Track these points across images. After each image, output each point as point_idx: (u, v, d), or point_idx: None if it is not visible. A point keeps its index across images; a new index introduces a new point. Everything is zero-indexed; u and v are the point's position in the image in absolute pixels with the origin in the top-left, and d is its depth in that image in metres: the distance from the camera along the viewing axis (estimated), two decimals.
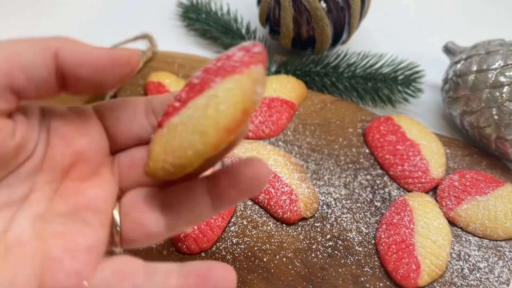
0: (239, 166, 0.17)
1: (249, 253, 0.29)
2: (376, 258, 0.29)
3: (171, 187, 0.18)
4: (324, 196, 0.32)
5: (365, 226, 0.31)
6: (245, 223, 0.30)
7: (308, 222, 0.31)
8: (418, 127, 0.35)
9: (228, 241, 0.29)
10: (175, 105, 0.17)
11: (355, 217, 0.31)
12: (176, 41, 0.46)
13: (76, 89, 0.17)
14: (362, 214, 0.31)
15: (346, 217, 0.31)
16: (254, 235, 0.30)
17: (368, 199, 0.32)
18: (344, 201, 0.32)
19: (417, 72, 0.38)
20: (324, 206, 0.31)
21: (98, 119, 0.19)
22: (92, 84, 0.16)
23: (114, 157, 0.19)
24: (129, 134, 0.19)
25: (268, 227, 0.30)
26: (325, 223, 0.31)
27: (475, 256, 0.29)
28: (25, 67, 0.15)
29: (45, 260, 0.16)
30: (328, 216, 0.31)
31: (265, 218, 0.31)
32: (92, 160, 0.18)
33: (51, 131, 0.17)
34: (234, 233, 0.30)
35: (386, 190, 0.33)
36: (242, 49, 0.16)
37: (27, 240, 0.16)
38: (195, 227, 0.29)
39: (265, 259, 0.28)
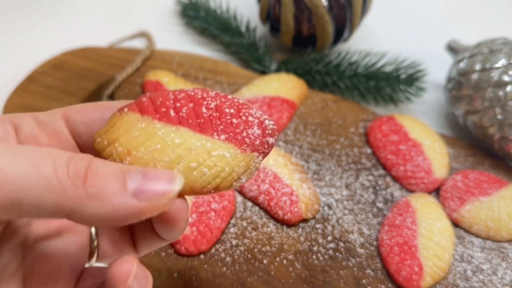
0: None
1: (249, 255, 0.28)
2: (378, 260, 0.28)
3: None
4: (325, 197, 0.32)
5: (367, 227, 0.30)
6: (244, 224, 0.30)
7: (309, 224, 0.30)
8: (421, 126, 0.35)
9: (228, 242, 0.29)
10: (170, 114, 0.16)
11: (356, 219, 0.31)
12: (175, 39, 0.46)
13: None
14: (364, 215, 0.31)
15: (347, 219, 0.30)
16: (254, 237, 0.29)
17: (370, 200, 0.32)
18: (345, 202, 0.31)
19: (419, 71, 0.38)
20: (325, 207, 0.31)
21: (72, 138, 0.17)
22: None
23: None
24: None
25: (268, 229, 0.30)
26: (326, 224, 0.30)
27: (478, 258, 0.29)
28: (28, 215, 0.13)
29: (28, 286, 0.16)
30: (329, 217, 0.30)
31: (265, 220, 0.30)
32: None
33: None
34: (233, 235, 0.29)
35: (389, 190, 0.32)
36: (261, 125, 0.15)
37: (12, 271, 0.15)
38: (194, 228, 0.28)
39: (265, 261, 0.28)
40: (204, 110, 0.15)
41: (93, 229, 0.18)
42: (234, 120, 0.15)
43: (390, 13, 0.49)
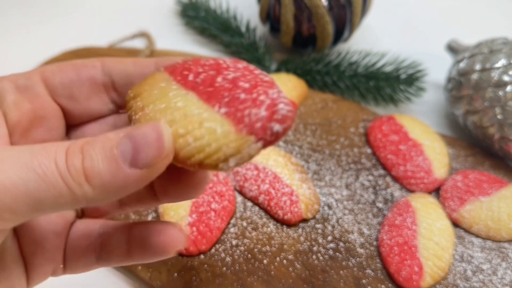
0: (151, 232, 0.17)
1: (249, 255, 0.28)
2: (378, 260, 0.28)
3: (106, 224, 0.19)
4: (325, 197, 0.32)
5: (367, 227, 0.30)
6: (244, 224, 0.30)
7: (309, 224, 0.30)
8: (421, 126, 0.35)
9: (228, 242, 0.29)
10: (188, 78, 0.15)
11: (356, 219, 0.31)
12: (175, 39, 0.46)
13: None
14: (364, 215, 0.31)
15: (347, 219, 0.30)
16: (254, 237, 0.29)
17: (370, 200, 0.32)
18: (345, 202, 0.31)
19: (419, 71, 0.38)
20: (325, 207, 0.31)
21: (53, 100, 0.17)
22: None
23: (68, 137, 0.18)
24: (87, 112, 0.18)
25: (268, 229, 0.30)
26: (326, 224, 0.30)
27: (478, 258, 0.29)
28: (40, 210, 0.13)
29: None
30: (329, 217, 0.30)
31: (265, 220, 0.30)
32: None
33: (8, 123, 0.16)
34: (233, 235, 0.29)
35: (389, 190, 0.32)
36: (271, 107, 0.13)
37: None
38: (194, 228, 0.28)
39: (265, 261, 0.28)
40: (219, 79, 0.14)
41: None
42: (243, 95, 0.14)
43: (390, 13, 0.49)
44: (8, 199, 0.12)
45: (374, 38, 0.46)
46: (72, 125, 0.18)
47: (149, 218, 0.30)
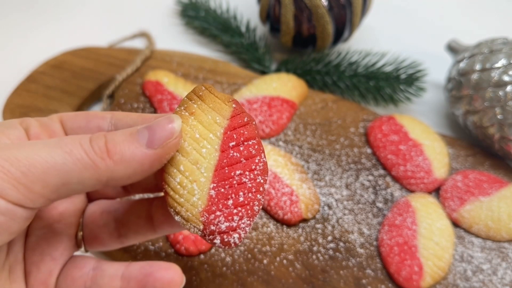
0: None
1: (249, 255, 0.28)
2: (378, 260, 0.28)
3: (125, 204, 0.20)
4: (325, 197, 0.32)
5: (367, 227, 0.30)
6: None
7: (309, 224, 0.30)
8: (421, 126, 0.34)
9: None
10: (230, 144, 0.18)
11: (356, 219, 0.31)
12: (175, 39, 0.46)
13: None
14: (364, 215, 0.31)
15: (347, 219, 0.30)
16: (254, 237, 0.29)
17: (370, 200, 0.32)
18: (345, 202, 0.31)
19: (419, 71, 0.38)
20: (325, 207, 0.31)
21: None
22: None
23: None
24: None
25: (268, 229, 0.30)
26: (326, 224, 0.30)
27: (478, 258, 0.29)
28: (71, 194, 0.16)
29: (26, 275, 0.18)
30: (329, 217, 0.30)
31: (265, 220, 0.30)
32: None
33: None
34: None
35: (389, 190, 0.32)
36: (230, 229, 0.17)
37: (19, 261, 0.18)
38: None
39: (265, 261, 0.28)
40: (237, 172, 0.17)
41: (80, 229, 0.20)
42: (230, 202, 0.17)
43: (390, 13, 0.49)
44: (39, 172, 0.14)
45: (374, 38, 0.46)
46: None
47: None
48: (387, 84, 0.38)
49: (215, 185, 0.17)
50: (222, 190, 0.17)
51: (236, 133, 0.17)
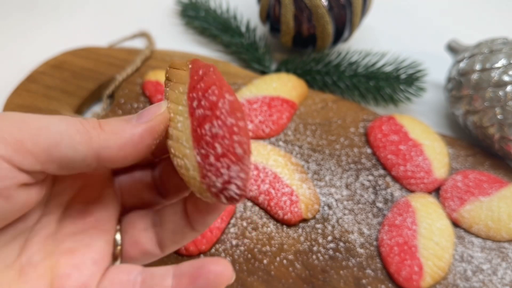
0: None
1: (249, 255, 0.28)
2: (378, 260, 0.28)
3: (160, 209, 0.20)
4: (325, 197, 0.32)
5: (367, 227, 0.30)
6: (244, 224, 0.30)
7: (309, 224, 0.30)
8: (421, 126, 0.34)
9: (228, 242, 0.29)
10: (194, 104, 0.17)
11: (356, 219, 0.31)
12: (175, 39, 0.46)
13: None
14: (364, 215, 0.31)
15: (347, 219, 0.30)
16: (254, 237, 0.29)
17: (370, 200, 0.32)
18: (345, 202, 0.31)
19: (419, 71, 0.38)
20: (325, 207, 0.31)
21: None
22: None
23: (115, 178, 0.21)
24: None
25: (268, 229, 0.30)
26: (326, 224, 0.30)
27: (478, 258, 0.29)
28: (63, 161, 0.16)
29: (54, 276, 0.17)
30: (329, 217, 0.30)
31: (265, 220, 0.30)
32: (97, 184, 0.20)
33: None
34: (233, 235, 0.29)
35: (389, 190, 0.32)
36: (225, 183, 0.16)
37: (38, 261, 0.17)
38: None
39: (265, 261, 0.28)
40: (206, 127, 0.16)
41: (118, 235, 0.20)
42: (212, 159, 0.16)
43: (390, 13, 0.49)
44: (31, 128, 0.15)
45: (374, 38, 0.46)
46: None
47: None
48: (387, 84, 0.38)
49: (197, 150, 0.16)
50: (203, 151, 0.16)
51: (195, 91, 0.17)
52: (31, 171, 0.15)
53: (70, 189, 0.19)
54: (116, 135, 0.16)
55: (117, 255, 0.19)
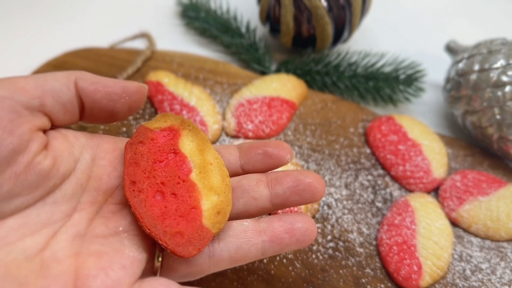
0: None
1: None
2: (377, 260, 0.29)
3: None
4: (325, 197, 0.32)
5: (366, 227, 0.30)
6: None
7: None
8: (420, 126, 0.35)
9: None
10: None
11: (356, 218, 0.31)
12: (175, 40, 0.46)
13: (92, 117, 0.20)
14: (363, 215, 0.31)
15: (347, 218, 0.31)
16: None
17: (370, 200, 0.32)
18: (345, 202, 0.31)
19: (418, 71, 0.38)
20: (325, 207, 0.31)
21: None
22: (105, 111, 0.20)
23: None
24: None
25: None
26: (325, 224, 0.30)
27: (477, 257, 0.29)
28: (53, 92, 0.18)
29: (78, 276, 0.17)
30: (329, 217, 0.31)
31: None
32: None
33: (98, 152, 0.20)
34: None
35: (388, 190, 0.32)
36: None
37: (63, 257, 0.17)
38: None
39: (265, 261, 0.28)
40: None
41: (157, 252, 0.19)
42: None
43: (390, 13, 0.50)
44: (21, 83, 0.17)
45: (373, 39, 0.47)
46: None
47: None
48: (386, 84, 0.38)
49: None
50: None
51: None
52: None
53: (107, 184, 0.19)
54: (91, 78, 0.20)
55: (157, 268, 0.19)
